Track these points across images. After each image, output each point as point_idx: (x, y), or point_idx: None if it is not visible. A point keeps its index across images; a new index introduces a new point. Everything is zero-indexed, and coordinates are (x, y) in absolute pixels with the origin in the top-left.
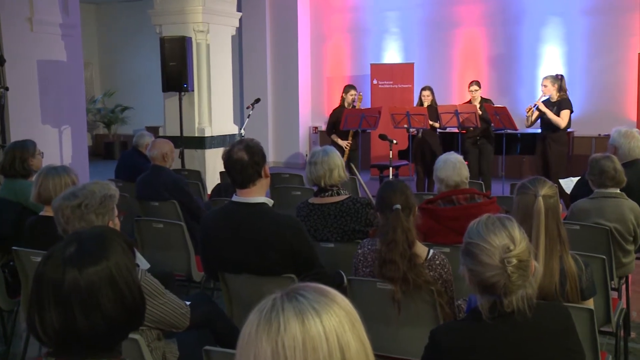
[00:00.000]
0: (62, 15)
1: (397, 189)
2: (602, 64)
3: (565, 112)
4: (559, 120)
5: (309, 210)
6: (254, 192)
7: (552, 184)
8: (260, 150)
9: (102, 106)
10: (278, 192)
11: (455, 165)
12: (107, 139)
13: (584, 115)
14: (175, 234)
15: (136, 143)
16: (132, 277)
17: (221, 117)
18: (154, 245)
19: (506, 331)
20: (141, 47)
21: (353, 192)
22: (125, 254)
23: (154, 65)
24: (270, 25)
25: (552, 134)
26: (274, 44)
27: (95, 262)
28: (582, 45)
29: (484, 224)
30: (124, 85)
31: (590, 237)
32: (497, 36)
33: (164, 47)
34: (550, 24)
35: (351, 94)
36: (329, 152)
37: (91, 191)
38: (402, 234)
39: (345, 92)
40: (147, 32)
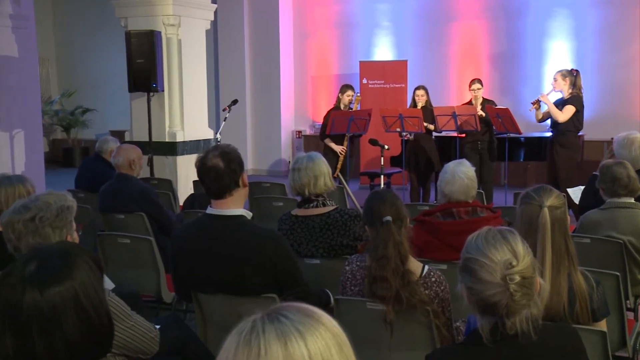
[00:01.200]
0: (12, 5)
1: (387, 199)
2: (614, 61)
3: (568, 108)
4: (558, 113)
5: (292, 223)
6: (231, 204)
7: (559, 194)
8: (238, 157)
9: (60, 108)
10: (258, 203)
11: (463, 182)
12: (66, 145)
13: (595, 117)
14: (143, 250)
15: (99, 149)
16: (100, 298)
17: (194, 120)
18: (119, 262)
19: (509, 355)
20: (105, 42)
21: (340, 203)
22: (92, 272)
23: (119, 62)
24: (249, 19)
25: (560, 137)
26: (253, 39)
27: (58, 282)
28: (592, 40)
29: (483, 237)
30: (85, 85)
31: (602, 252)
32: (498, 31)
33: (130, 42)
34: (557, 17)
35: (348, 95)
36: (314, 158)
37: (46, 202)
38: (394, 249)
39: (342, 92)
40: (111, 26)
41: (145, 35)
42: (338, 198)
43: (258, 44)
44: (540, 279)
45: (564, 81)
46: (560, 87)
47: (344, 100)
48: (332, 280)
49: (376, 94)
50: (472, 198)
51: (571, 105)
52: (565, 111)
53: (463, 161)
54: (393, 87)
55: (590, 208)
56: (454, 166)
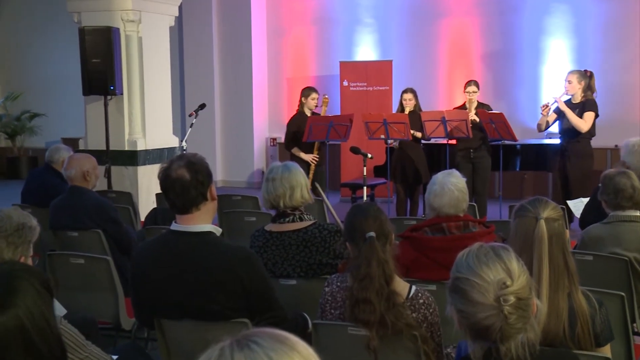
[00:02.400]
0: None
1: (370, 213)
2: (618, 61)
3: (589, 115)
4: (581, 122)
5: (265, 239)
6: (198, 219)
7: (555, 205)
8: (206, 168)
9: (4, 112)
10: (228, 218)
11: (453, 195)
12: (11, 154)
13: (598, 123)
14: (99, 271)
15: (49, 159)
16: (50, 326)
17: (157, 126)
18: (72, 285)
19: None
20: (56, 39)
21: (319, 217)
22: (40, 298)
23: (72, 62)
24: (218, 15)
25: (574, 145)
26: (223, 37)
27: (0, 310)
28: (594, 38)
29: (474, 255)
30: (33, 87)
31: (606, 270)
32: (492, 28)
33: (85, 40)
34: (555, 13)
35: (312, 98)
36: (290, 168)
37: (7, 215)
38: (378, 268)
39: (305, 95)
40: (62, 21)
41: (102, 32)
42: (316, 212)
43: (228, 42)
44: (536, 299)
45: (579, 84)
46: (575, 90)
47: (308, 105)
48: (310, 303)
49: (358, 97)
50: (463, 212)
51: (590, 112)
52: (587, 119)
53: (453, 171)
54: (377, 89)
55: (594, 221)
56: (443, 177)
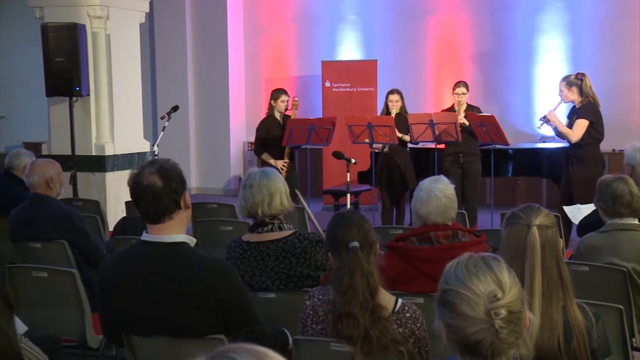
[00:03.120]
0: None
1: (353, 222)
2: (617, 60)
3: (579, 122)
4: (568, 132)
5: (242, 250)
6: (171, 228)
7: (548, 212)
8: (179, 174)
9: None
10: (202, 228)
11: (441, 202)
12: None
13: None
14: (64, 285)
15: (9, 164)
16: (11, 344)
17: (127, 130)
18: (34, 300)
19: None
20: (16, 36)
21: (300, 226)
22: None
23: (34, 61)
24: (192, 11)
25: (577, 150)
26: (197, 35)
27: None
28: (590, 36)
29: (463, 265)
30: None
31: (603, 281)
32: (482, 26)
33: (48, 37)
34: (549, 10)
35: (282, 100)
36: (268, 174)
37: None
38: (362, 280)
39: (274, 97)
40: (23, 17)
41: (66, 28)
42: (297, 220)
43: (202, 40)
44: (529, 312)
45: (570, 91)
46: (569, 97)
47: (278, 107)
48: (290, 317)
49: (341, 99)
50: (452, 220)
51: (581, 119)
52: (575, 128)
53: (440, 177)
54: (361, 90)
55: (591, 230)
56: (430, 183)
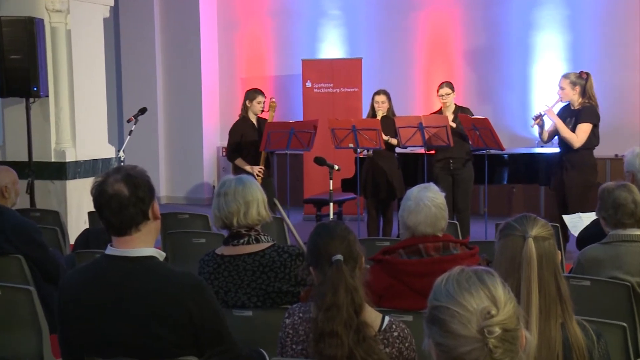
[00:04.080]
0: None
1: (336, 233)
2: (619, 59)
3: (582, 128)
4: (572, 137)
5: (216, 264)
6: (138, 241)
7: (545, 222)
8: (147, 182)
9: None
10: (173, 240)
11: (430, 211)
12: None
13: None
14: (19, 303)
15: None
16: None
17: (90, 134)
18: None
19: None
20: None
21: (279, 238)
22: None
23: None
24: (161, 5)
25: (572, 156)
26: (166, 30)
27: None
28: (591, 33)
29: (455, 280)
30: None
31: (605, 297)
32: (474, 21)
33: (1, 32)
34: (547, 4)
35: (258, 102)
36: (245, 181)
37: None
38: (346, 296)
39: (249, 98)
40: None
41: (22, 23)
42: (275, 232)
43: (173, 36)
44: (525, 331)
45: (573, 90)
46: (569, 97)
47: (253, 109)
48: (268, 337)
49: (323, 100)
50: (442, 231)
51: (586, 123)
52: (579, 133)
53: (430, 185)
54: (345, 91)
55: (593, 241)
56: (419, 191)
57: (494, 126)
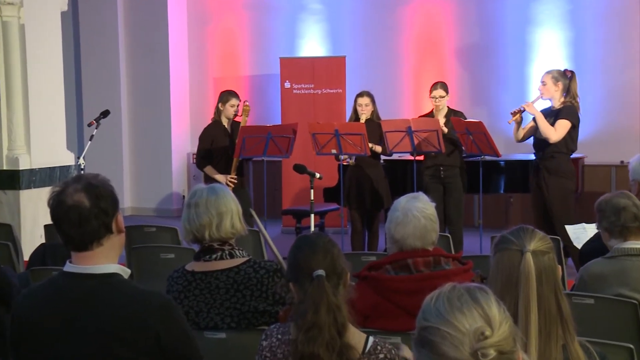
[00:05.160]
0: None
1: (319, 247)
2: (624, 58)
3: (562, 123)
4: (549, 130)
5: (187, 281)
6: (101, 257)
7: (544, 235)
8: (110, 192)
9: None
10: (139, 256)
11: (419, 223)
12: None
13: (598, 133)
14: None
15: None
16: None
17: (46, 139)
18: None
19: None
20: None
21: (255, 253)
22: None
23: None
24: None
25: (548, 162)
26: (131, 26)
27: None
28: (594, 29)
29: (445, 298)
30: None
31: (611, 316)
32: (468, 16)
33: None
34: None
35: (231, 105)
36: (217, 191)
37: None
38: (328, 315)
39: (223, 101)
40: None
41: None
42: (251, 246)
43: (138, 31)
44: (522, 353)
45: (555, 86)
46: (551, 93)
47: (226, 112)
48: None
49: (303, 102)
50: (433, 244)
51: (565, 120)
52: (558, 127)
53: (419, 195)
54: (326, 92)
55: (596, 255)
56: (407, 202)
57: (489, 130)
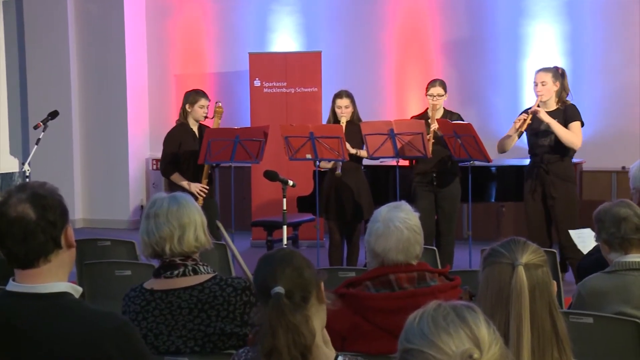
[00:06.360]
0: None
1: (282, 260)
2: (625, 55)
3: (577, 125)
4: (572, 137)
5: (145, 301)
6: (48, 275)
7: (537, 248)
8: (59, 202)
9: None
10: (91, 273)
11: (402, 235)
12: None
13: (598, 136)
14: None
15: None
16: None
17: None
18: None
19: None
20: None
21: (222, 269)
22: None
23: None
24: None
25: (555, 166)
26: (83, 17)
27: None
28: (592, 22)
29: (430, 317)
30: None
31: (611, 336)
32: (456, 8)
33: None
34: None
35: (201, 106)
36: (179, 200)
37: None
38: (286, 337)
39: (190, 101)
40: None
41: None
42: (217, 261)
43: (90, 24)
44: None
45: (554, 85)
46: (550, 93)
47: (195, 114)
48: None
49: (275, 102)
50: (417, 258)
51: (576, 122)
52: (577, 131)
53: (401, 204)
54: (301, 91)
55: (595, 270)
56: (388, 212)
57: (478, 133)
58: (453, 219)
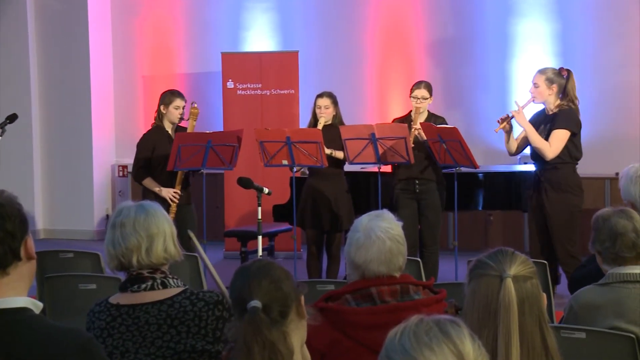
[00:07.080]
0: None
1: (259, 272)
2: (619, 55)
3: (558, 134)
4: (544, 145)
5: (111, 316)
6: (6, 289)
7: (526, 259)
8: (18, 212)
9: None
10: (53, 286)
11: (384, 246)
12: None
13: (591, 141)
14: None
15: None
16: None
17: None
18: None
19: None
20: None
21: (193, 282)
22: None
23: None
24: None
25: (552, 174)
26: (44, 15)
27: None
28: (584, 21)
29: (411, 333)
30: None
31: (604, 351)
32: (441, 6)
33: None
34: None
35: (176, 107)
36: (147, 209)
37: None
38: (262, 354)
39: (165, 102)
40: None
41: None
42: (188, 274)
43: (52, 22)
44: None
45: (549, 89)
46: (544, 97)
47: (170, 116)
48: None
49: (250, 105)
50: (400, 270)
51: (561, 130)
52: (553, 141)
53: (383, 213)
54: (277, 93)
55: (588, 282)
56: (369, 221)
57: (464, 137)
58: (437, 228)
